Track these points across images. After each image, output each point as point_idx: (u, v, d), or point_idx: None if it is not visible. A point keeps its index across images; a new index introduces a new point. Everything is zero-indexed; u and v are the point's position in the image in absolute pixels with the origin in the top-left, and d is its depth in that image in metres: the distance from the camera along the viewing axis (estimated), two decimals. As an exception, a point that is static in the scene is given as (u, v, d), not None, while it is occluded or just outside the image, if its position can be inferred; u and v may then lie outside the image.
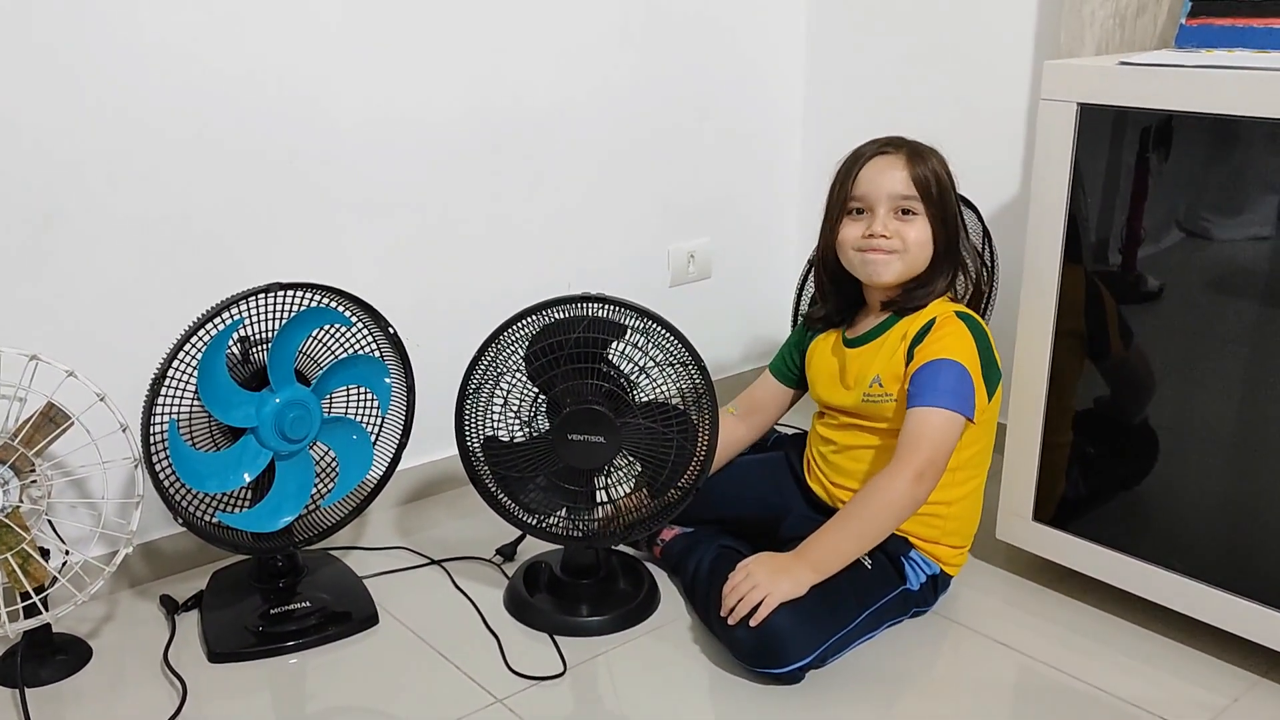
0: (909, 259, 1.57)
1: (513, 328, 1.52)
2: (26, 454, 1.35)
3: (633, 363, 1.53)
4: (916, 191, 1.55)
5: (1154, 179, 1.46)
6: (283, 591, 1.63)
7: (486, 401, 1.56)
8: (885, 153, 1.58)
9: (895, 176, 1.56)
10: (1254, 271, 1.39)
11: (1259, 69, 1.36)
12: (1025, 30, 2.00)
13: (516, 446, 1.56)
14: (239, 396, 1.44)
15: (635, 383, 1.53)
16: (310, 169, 1.75)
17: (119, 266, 1.61)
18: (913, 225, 1.56)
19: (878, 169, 1.57)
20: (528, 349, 1.52)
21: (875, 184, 1.57)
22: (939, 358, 1.51)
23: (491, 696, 1.47)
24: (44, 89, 1.49)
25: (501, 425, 1.58)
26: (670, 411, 1.52)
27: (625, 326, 1.51)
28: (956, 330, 1.54)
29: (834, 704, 1.45)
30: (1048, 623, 1.63)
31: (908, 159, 1.56)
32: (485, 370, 1.55)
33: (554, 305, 1.51)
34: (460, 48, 1.86)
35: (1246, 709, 1.43)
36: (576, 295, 1.50)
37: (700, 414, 1.54)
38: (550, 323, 1.52)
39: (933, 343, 1.53)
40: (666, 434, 1.51)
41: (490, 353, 1.53)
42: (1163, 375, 1.50)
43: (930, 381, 1.50)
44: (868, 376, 1.59)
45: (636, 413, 1.51)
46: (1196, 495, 1.50)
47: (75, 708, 1.43)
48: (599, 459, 1.52)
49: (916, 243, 1.56)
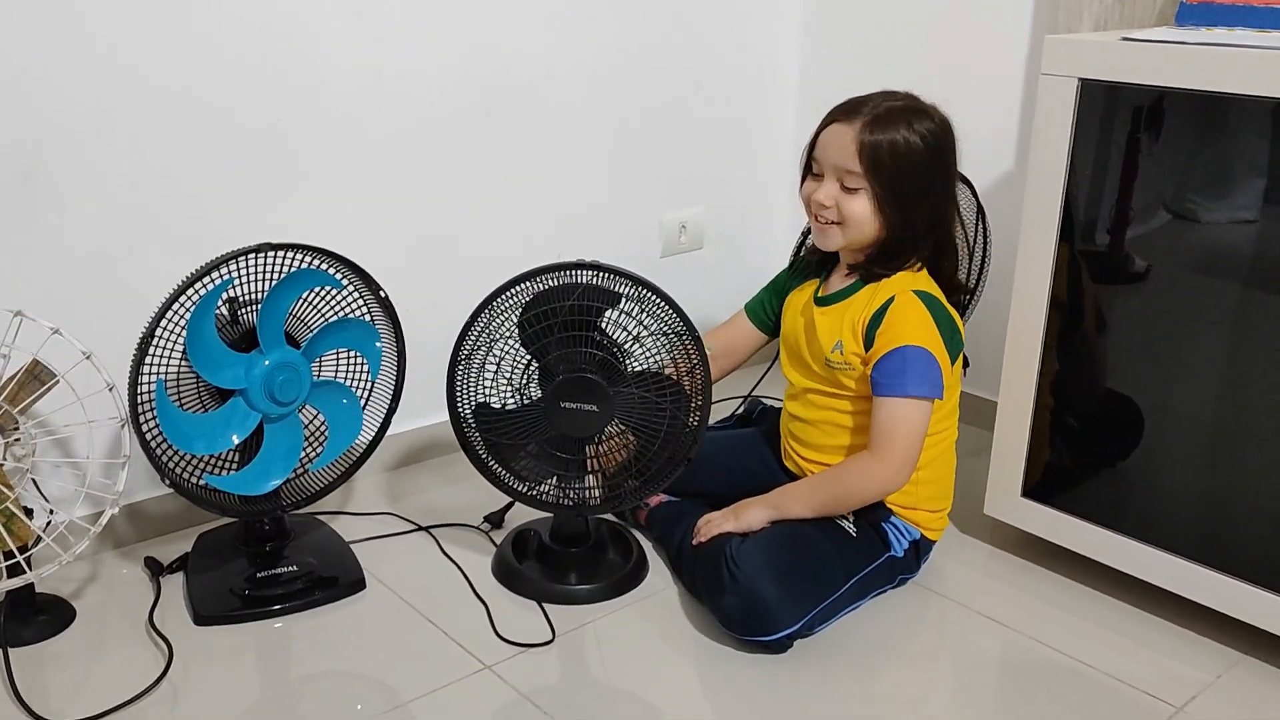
0: (849, 232, 1.54)
1: (506, 294, 1.51)
2: (11, 411, 1.33)
3: (626, 331, 1.52)
4: (860, 166, 1.49)
5: (1151, 156, 1.46)
6: (269, 555, 1.62)
7: (479, 368, 1.55)
8: (841, 119, 1.52)
9: (843, 147, 1.50)
10: (1241, 253, 1.39)
11: (1261, 48, 1.35)
12: (1024, 4, 1.99)
13: (508, 413, 1.55)
14: (228, 358, 1.43)
15: (629, 351, 1.52)
16: (299, 131, 1.73)
17: (104, 222, 1.58)
18: (855, 199, 1.52)
19: (831, 134, 1.53)
20: (521, 315, 1.50)
21: (825, 150, 1.53)
22: (903, 344, 1.50)
23: (480, 663, 1.46)
24: (32, 35, 1.46)
25: (493, 392, 1.57)
26: (664, 381, 1.51)
27: (619, 295, 1.50)
28: (916, 312, 1.52)
29: (820, 672, 1.45)
30: (1033, 597, 1.64)
31: (863, 127, 1.49)
32: (478, 336, 1.53)
33: (548, 272, 1.50)
34: (452, 11, 1.84)
35: (1228, 686, 1.45)
36: (570, 262, 1.48)
37: (693, 383, 1.53)
38: (544, 290, 1.50)
39: (891, 326, 1.52)
40: (660, 403, 1.50)
41: (484, 319, 1.52)
42: (1150, 354, 1.51)
43: (898, 369, 1.50)
44: (832, 341, 1.58)
45: (630, 381, 1.50)
46: (1181, 473, 1.51)
47: (58, 668, 1.42)
48: (591, 427, 1.51)
49: (855, 217, 1.52)
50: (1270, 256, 1.38)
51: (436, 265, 1.93)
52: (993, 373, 2.00)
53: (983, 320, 1.95)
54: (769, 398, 1.99)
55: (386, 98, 1.81)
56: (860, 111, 1.51)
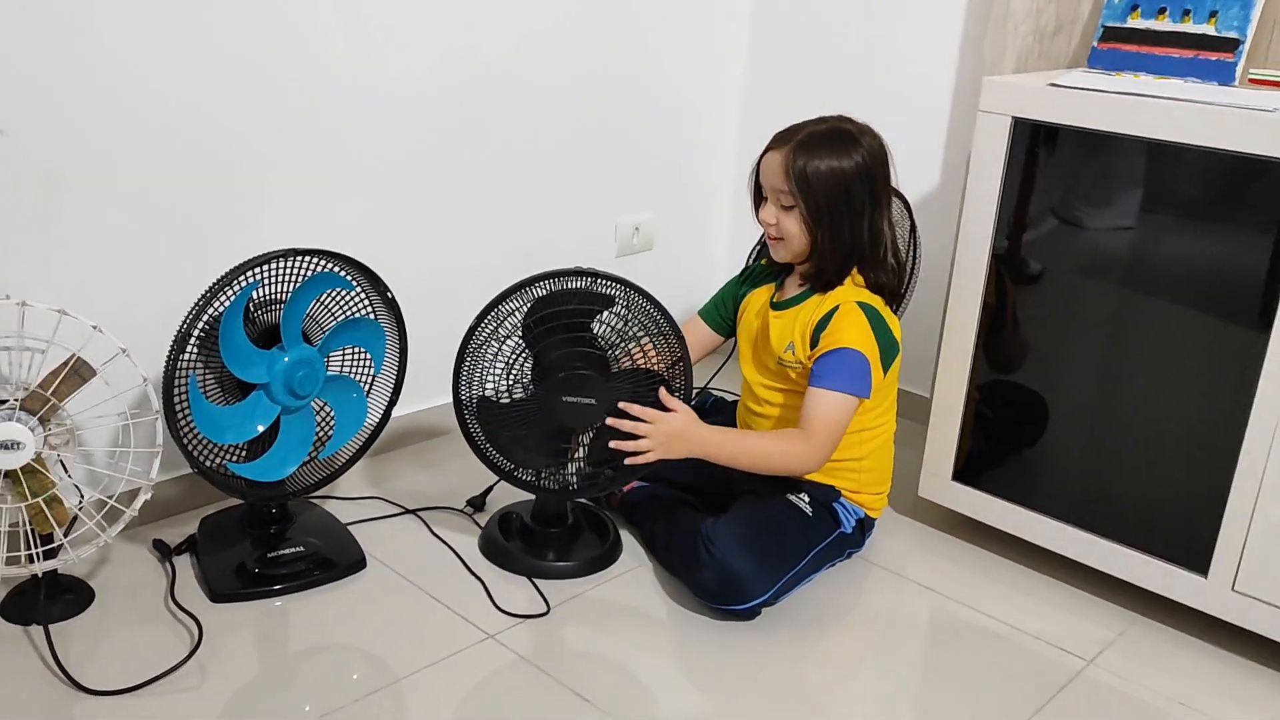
0: (791, 246, 1.73)
1: (512, 296, 1.65)
2: (57, 404, 1.42)
3: (615, 331, 1.68)
4: (789, 187, 1.67)
5: (1066, 181, 1.69)
6: (273, 537, 1.73)
7: (489, 363, 1.68)
8: (776, 146, 1.70)
9: (775, 172, 1.68)
10: (1122, 260, 1.64)
11: (1166, 98, 1.59)
12: (952, 41, 2.21)
13: (512, 406, 1.70)
14: (255, 355, 1.54)
15: (622, 349, 1.69)
16: (298, 141, 1.84)
17: (119, 225, 1.67)
18: (789, 217, 1.70)
19: (768, 160, 1.71)
20: (526, 316, 1.65)
21: (765, 175, 1.72)
22: (841, 346, 1.68)
23: (484, 633, 1.61)
24: (55, 55, 1.54)
25: (490, 384, 1.71)
26: (653, 376, 1.68)
27: (612, 298, 1.66)
28: (856, 321, 1.69)
29: (785, 633, 1.66)
30: (960, 568, 1.87)
31: (791, 153, 1.67)
32: (487, 333, 1.67)
33: (550, 277, 1.65)
34: (437, 35, 1.96)
35: (1130, 641, 1.70)
36: (571, 269, 1.64)
37: (676, 378, 1.70)
38: (546, 294, 1.65)
39: (834, 331, 1.69)
40: (649, 396, 1.67)
41: (492, 319, 1.66)
42: (1054, 352, 1.75)
43: (832, 367, 1.69)
44: (784, 342, 1.76)
45: (623, 377, 1.67)
46: (1076, 457, 1.76)
47: (90, 643, 1.52)
48: (589, 419, 1.67)
49: (791, 233, 1.70)
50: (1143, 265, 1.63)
51: (409, 265, 2.05)
52: (921, 369, 2.23)
53: (911, 321, 2.16)
54: (720, 390, 2.19)
55: (377, 113, 1.93)
56: (792, 138, 1.69)
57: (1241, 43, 1.77)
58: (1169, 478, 1.67)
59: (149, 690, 1.44)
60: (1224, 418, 1.58)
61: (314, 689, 1.47)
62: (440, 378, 1.79)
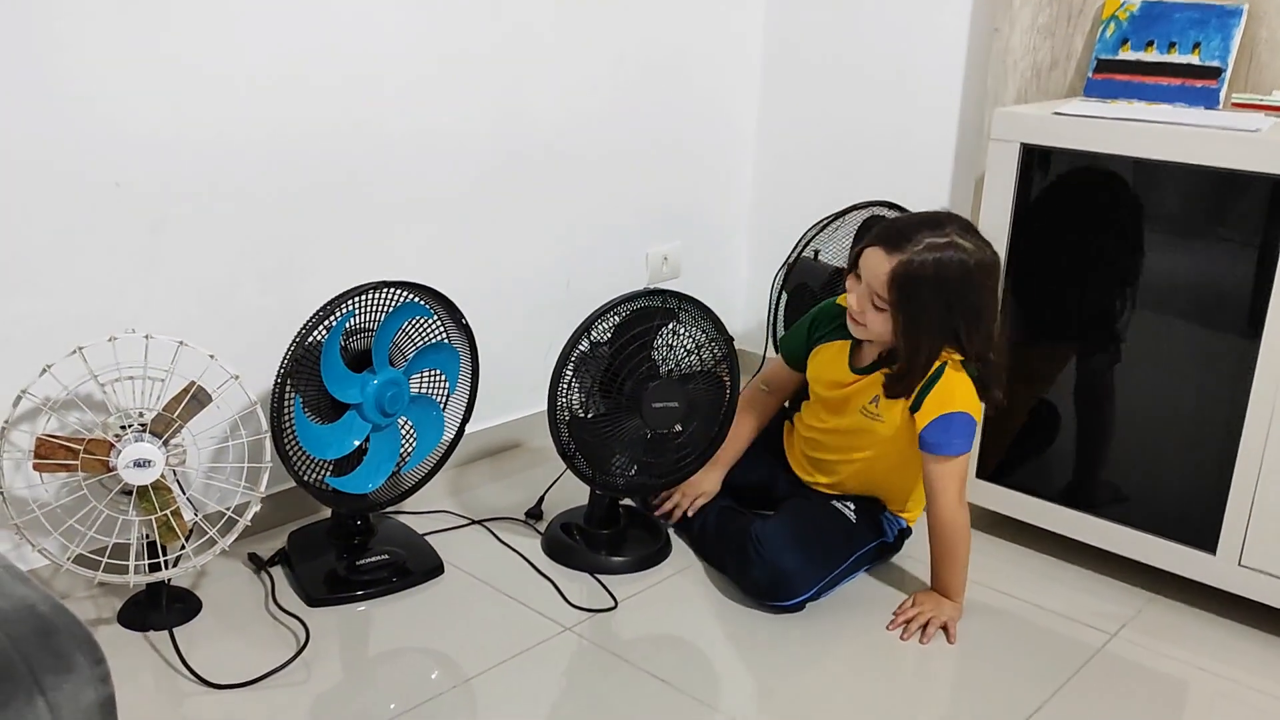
0: (870, 334, 1.79)
1: (601, 319, 1.84)
2: (182, 424, 1.57)
3: (679, 339, 1.88)
4: (890, 296, 1.69)
5: (1076, 201, 1.87)
6: (358, 547, 1.88)
7: (579, 378, 1.87)
8: (884, 246, 1.70)
9: (877, 274, 1.70)
10: (1131, 270, 1.82)
11: (1160, 122, 1.77)
12: (955, 73, 2.40)
13: (604, 418, 1.87)
14: (350, 378, 1.70)
15: (687, 357, 1.89)
16: (369, 182, 2.00)
17: (217, 264, 1.83)
18: (880, 316, 1.74)
19: (872, 257, 1.72)
20: (613, 336, 1.85)
21: (864, 269, 1.74)
22: (953, 410, 1.75)
23: (561, 626, 1.76)
24: (157, 115, 1.71)
25: (579, 401, 1.88)
26: (713, 378, 1.91)
27: (675, 312, 1.86)
28: (962, 382, 1.76)
29: (830, 625, 1.81)
30: (991, 559, 2.02)
31: (900, 265, 1.67)
32: (580, 352, 1.86)
33: (635, 299, 1.85)
34: (486, 83, 2.14)
35: (1148, 618, 1.86)
36: (648, 290, 1.86)
37: (730, 377, 1.92)
38: (629, 314, 1.85)
39: (943, 394, 1.75)
40: (718, 395, 1.92)
41: (586, 338, 1.84)
42: (1071, 359, 1.92)
43: (955, 433, 1.76)
44: (869, 396, 1.86)
45: (698, 380, 1.89)
46: (1093, 451, 1.92)
47: (208, 645, 1.66)
48: (673, 419, 1.88)
49: (876, 329, 1.76)
50: (1147, 273, 1.80)
51: (466, 291, 2.21)
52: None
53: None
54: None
55: (436, 154, 2.10)
56: (903, 247, 1.68)
57: (1223, 70, 1.96)
58: (1176, 466, 1.84)
59: (264, 684, 1.59)
60: (1223, 411, 1.75)
61: (402, 685, 1.62)
62: (491, 398, 1.93)
